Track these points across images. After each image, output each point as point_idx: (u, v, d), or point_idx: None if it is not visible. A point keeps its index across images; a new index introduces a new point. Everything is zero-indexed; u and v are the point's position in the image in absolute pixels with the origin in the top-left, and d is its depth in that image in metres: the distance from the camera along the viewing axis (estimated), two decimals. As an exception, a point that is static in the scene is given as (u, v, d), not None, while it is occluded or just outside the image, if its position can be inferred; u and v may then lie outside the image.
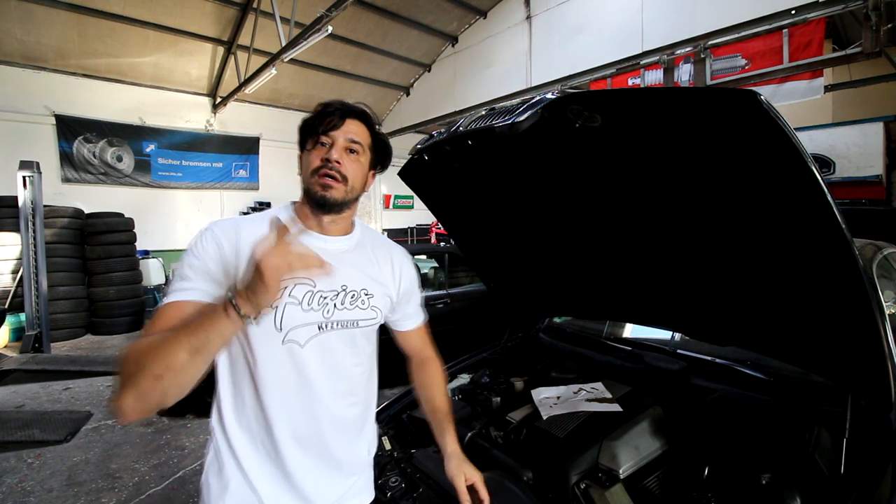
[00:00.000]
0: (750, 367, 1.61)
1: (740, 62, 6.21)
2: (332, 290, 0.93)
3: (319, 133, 0.91)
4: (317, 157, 0.91)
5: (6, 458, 3.05)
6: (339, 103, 0.95)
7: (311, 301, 0.91)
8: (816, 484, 1.11)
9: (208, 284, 0.85)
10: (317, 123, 0.92)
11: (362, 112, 0.97)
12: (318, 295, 0.91)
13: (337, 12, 6.25)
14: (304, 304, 0.90)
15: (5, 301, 5.97)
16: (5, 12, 7.23)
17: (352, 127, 0.94)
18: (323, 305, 0.92)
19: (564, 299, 2.05)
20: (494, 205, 1.71)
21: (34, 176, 5.71)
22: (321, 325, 0.92)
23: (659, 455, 1.34)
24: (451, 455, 1.11)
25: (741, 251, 1.23)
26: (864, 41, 4.93)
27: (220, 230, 0.90)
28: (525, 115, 1.08)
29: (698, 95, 0.96)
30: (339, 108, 0.94)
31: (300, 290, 0.90)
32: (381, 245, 1.08)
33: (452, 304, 4.35)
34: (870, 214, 3.78)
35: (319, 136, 0.91)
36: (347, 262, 0.97)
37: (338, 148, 0.91)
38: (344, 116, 0.93)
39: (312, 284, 0.91)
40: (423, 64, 11.86)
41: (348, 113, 0.94)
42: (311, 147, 0.93)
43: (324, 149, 0.92)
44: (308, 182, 0.92)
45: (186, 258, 0.88)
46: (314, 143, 0.92)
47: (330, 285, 0.93)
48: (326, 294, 0.92)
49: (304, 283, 0.90)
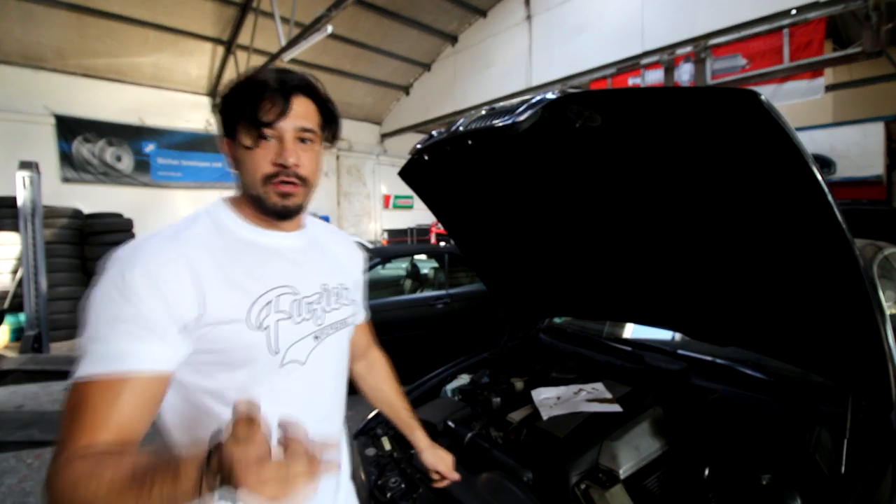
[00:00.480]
0: (750, 367, 1.60)
1: (740, 62, 6.21)
2: (315, 293, 0.81)
3: (261, 121, 0.70)
4: (264, 159, 0.71)
5: (6, 458, 3.04)
6: (275, 76, 0.72)
7: (300, 310, 0.77)
8: (816, 484, 1.11)
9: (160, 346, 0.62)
10: (254, 110, 0.70)
11: (307, 84, 0.75)
12: (304, 302, 0.78)
13: (337, 12, 6.24)
14: (295, 315, 0.76)
15: (5, 301, 5.97)
16: (5, 12, 7.22)
17: (299, 108, 0.73)
18: (312, 312, 0.79)
19: (564, 299, 2.05)
20: (494, 205, 1.71)
21: (33, 176, 5.71)
22: (317, 335, 0.80)
23: (659, 455, 1.34)
24: (426, 449, 1.14)
25: (742, 251, 1.23)
26: (865, 41, 4.93)
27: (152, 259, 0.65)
28: (525, 115, 1.08)
29: (699, 95, 0.96)
30: (280, 86, 0.71)
31: (285, 300, 0.75)
32: (332, 233, 0.97)
33: (452, 304, 4.35)
34: (870, 214, 3.78)
35: (260, 126, 0.70)
36: (315, 259, 0.84)
37: (289, 143, 0.72)
38: (288, 96, 0.71)
39: (295, 291, 0.77)
40: (423, 64, 11.86)
41: (292, 90, 0.72)
42: (252, 143, 0.71)
43: (271, 145, 0.71)
44: (258, 190, 0.73)
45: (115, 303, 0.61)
46: (254, 136, 0.71)
47: (312, 288, 0.81)
48: (311, 298, 0.80)
49: (287, 293, 0.76)
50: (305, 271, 0.81)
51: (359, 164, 13.26)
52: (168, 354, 0.63)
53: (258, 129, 0.71)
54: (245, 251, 0.74)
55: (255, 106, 0.70)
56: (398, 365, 1.29)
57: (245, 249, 0.75)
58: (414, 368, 2.76)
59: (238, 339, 0.69)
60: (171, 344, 0.63)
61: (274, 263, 0.77)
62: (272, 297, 0.73)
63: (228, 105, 0.73)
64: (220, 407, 0.69)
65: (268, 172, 0.72)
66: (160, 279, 0.63)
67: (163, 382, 0.64)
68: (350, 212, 13.23)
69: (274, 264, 0.77)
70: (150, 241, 0.68)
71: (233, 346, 0.69)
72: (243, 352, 0.69)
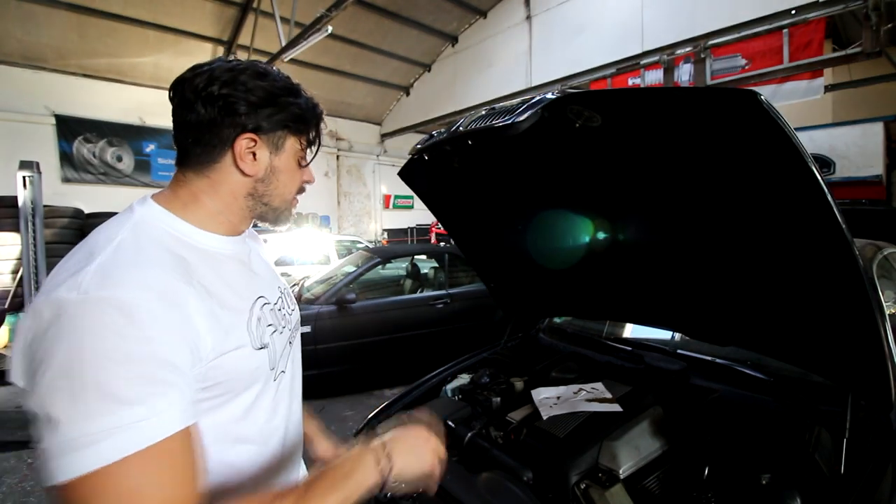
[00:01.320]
0: (750, 367, 1.61)
1: (740, 62, 6.22)
2: (277, 297, 0.76)
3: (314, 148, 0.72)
4: (301, 178, 0.72)
5: (6, 458, 3.05)
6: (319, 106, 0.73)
7: (277, 318, 0.73)
8: (816, 484, 1.11)
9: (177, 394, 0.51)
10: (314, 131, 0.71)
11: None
12: (276, 308, 0.73)
13: (337, 12, 6.25)
14: (277, 324, 0.72)
15: (5, 301, 5.97)
16: (5, 12, 7.23)
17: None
18: (283, 318, 0.75)
19: (564, 299, 2.05)
20: (494, 205, 1.71)
21: (34, 176, 5.71)
22: (290, 340, 0.77)
23: (659, 455, 1.34)
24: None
25: (741, 251, 1.23)
26: (864, 41, 4.94)
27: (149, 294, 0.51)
28: (525, 115, 1.08)
29: (698, 95, 0.96)
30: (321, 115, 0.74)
31: (266, 310, 0.70)
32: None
33: (452, 304, 4.35)
34: (870, 214, 3.78)
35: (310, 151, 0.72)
36: (259, 261, 0.78)
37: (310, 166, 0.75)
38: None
39: (266, 299, 0.71)
40: (423, 64, 11.87)
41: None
42: (294, 159, 0.70)
43: (308, 169, 0.74)
44: (287, 206, 0.72)
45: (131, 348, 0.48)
46: (300, 155, 0.71)
47: (274, 293, 0.75)
48: (277, 304, 0.75)
49: (266, 303, 0.71)
50: (262, 276, 0.75)
51: (359, 164, 13.26)
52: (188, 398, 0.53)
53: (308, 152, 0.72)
54: (215, 264, 0.64)
55: (315, 130, 0.71)
56: (398, 365, 1.29)
57: (213, 262, 0.64)
58: (414, 368, 2.77)
59: (245, 364, 0.62)
60: (189, 385, 0.53)
61: (240, 273, 0.69)
62: (257, 310, 0.67)
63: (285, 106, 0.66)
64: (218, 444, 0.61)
65: (299, 188, 0.73)
66: (170, 308, 0.52)
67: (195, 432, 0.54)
68: (350, 212, 13.24)
69: (241, 274, 0.69)
70: (117, 268, 0.52)
71: (240, 374, 0.62)
72: (249, 375, 0.64)
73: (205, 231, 0.65)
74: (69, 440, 0.45)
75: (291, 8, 7.23)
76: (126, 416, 0.46)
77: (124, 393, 0.46)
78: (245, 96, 0.62)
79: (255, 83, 0.63)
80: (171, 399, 0.49)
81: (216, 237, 0.67)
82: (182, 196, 0.66)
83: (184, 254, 0.60)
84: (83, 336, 0.47)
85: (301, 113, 0.67)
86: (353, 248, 7.63)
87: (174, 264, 0.57)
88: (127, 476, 0.46)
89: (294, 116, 0.67)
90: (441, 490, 1.23)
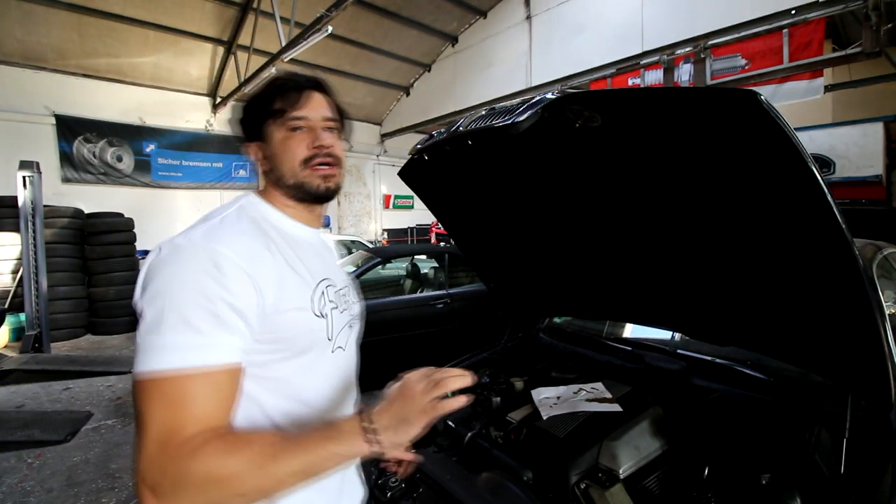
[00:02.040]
0: (750, 367, 1.61)
1: (740, 62, 6.22)
2: (343, 287, 0.87)
3: (291, 115, 0.77)
4: (300, 144, 0.78)
5: (6, 458, 3.05)
6: (291, 75, 0.81)
7: (339, 300, 0.84)
8: (816, 484, 1.11)
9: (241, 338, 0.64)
10: (282, 103, 0.77)
11: (321, 81, 0.84)
12: (341, 293, 0.85)
13: (337, 12, 6.25)
14: (340, 304, 0.83)
15: (5, 301, 5.97)
16: (5, 12, 7.23)
17: (323, 101, 0.81)
18: (346, 303, 0.87)
19: (564, 299, 2.05)
20: (494, 205, 1.71)
21: (34, 176, 5.71)
22: (350, 324, 0.88)
23: (659, 455, 1.34)
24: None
25: (741, 251, 1.23)
26: (864, 41, 4.94)
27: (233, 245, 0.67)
28: (525, 115, 1.08)
29: (698, 95, 0.96)
30: (303, 82, 0.80)
31: (331, 291, 0.81)
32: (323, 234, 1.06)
33: (452, 304, 4.35)
34: (870, 214, 3.78)
35: (291, 120, 0.77)
36: (329, 256, 0.90)
37: (319, 129, 0.79)
38: (309, 90, 0.80)
39: (333, 282, 0.83)
40: (423, 64, 11.87)
41: (314, 86, 0.81)
42: (283, 134, 0.78)
43: (305, 133, 0.78)
44: (298, 176, 0.78)
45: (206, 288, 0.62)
46: (285, 127, 0.78)
47: (341, 280, 0.87)
48: (343, 291, 0.87)
49: (331, 283, 0.82)
50: (331, 265, 0.87)
51: (359, 164, 13.26)
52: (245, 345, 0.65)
53: (291, 121, 0.77)
54: (292, 243, 0.79)
55: (283, 102, 0.77)
56: (398, 365, 1.30)
57: (291, 241, 0.79)
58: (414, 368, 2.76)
59: (305, 325, 0.74)
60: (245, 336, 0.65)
61: (312, 256, 0.82)
62: (323, 287, 0.79)
63: (252, 109, 0.80)
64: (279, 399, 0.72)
65: (306, 156, 0.78)
66: (249, 268, 0.66)
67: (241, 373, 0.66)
68: (350, 212, 13.24)
69: (312, 256, 0.82)
70: (220, 231, 0.69)
71: (299, 332, 0.73)
72: (307, 336, 0.74)
73: (287, 217, 0.81)
74: (149, 343, 0.59)
75: (291, 8, 7.23)
76: (190, 339, 0.59)
77: (195, 320, 0.60)
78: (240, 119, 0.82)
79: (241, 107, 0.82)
80: (229, 338, 0.62)
81: (297, 224, 0.82)
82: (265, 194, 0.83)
83: (269, 231, 0.76)
84: (182, 269, 0.63)
85: (262, 100, 0.79)
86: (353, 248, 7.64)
87: (260, 236, 0.73)
88: (177, 385, 0.58)
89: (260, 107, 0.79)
90: (441, 490, 1.23)
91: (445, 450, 1.52)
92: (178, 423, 0.57)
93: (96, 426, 3.56)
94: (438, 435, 1.59)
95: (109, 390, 4.37)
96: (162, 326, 0.59)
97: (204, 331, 0.60)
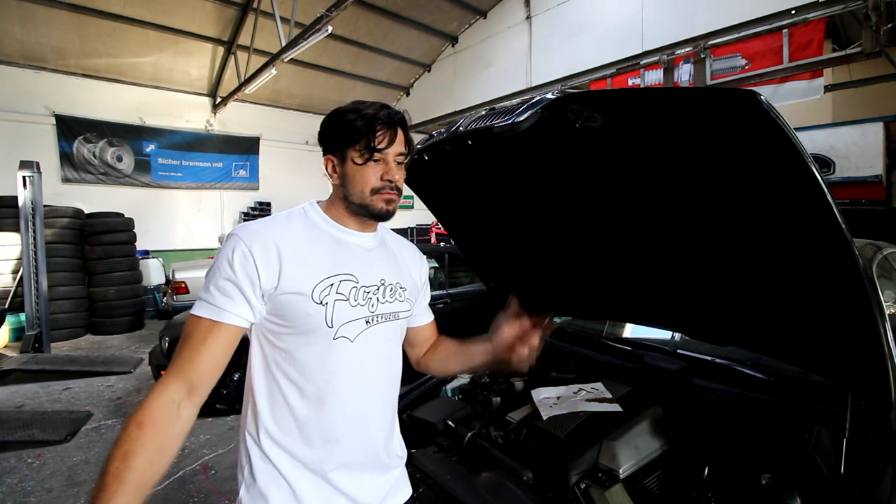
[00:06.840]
0: (750, 367, 1.61)
1: (740, 62, 6.21)
2: (372, 285, 0.95)
3: (374, 149, 0.88)
4: (374, 175, 0.90)
5: (6, 458, 3.05)
6: (387, 113, 0.90)
7: (357, 296, 0.91)
8: (816, 484, 1.11)
9: (244, 308, 0.84)
10: (370, 136, 0.88)
11: (405, 119, 0.95)
12: (361, 290, 0.93)
13: (337, 12, 6.25)
14: (351, 299, 0.90)
15: (5, 301, 5.98)
16: (5, 12, 7.23)
17: (402, 137, 0.92)
18: (367, 300, 0.93)
19: (565, 299, 2.05)
20: (494, 205, 1.71)
21: (34, 176, 5.72)
22: (368, 320, 0.93)
23: (659, 455, 1.34)
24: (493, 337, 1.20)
25: (741, 251, 1.23)
26: (864, 41, 4.94)
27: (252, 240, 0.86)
28: (525, 115, 1.08)
29: (698, 95, 0.96)
30: (392, 121, 0.90)
31: (345, 286, 0.90)
32: (399, 240, 1.13)
33: (452, 304, 4.35)
34: (870, 214, 3.78)
35: (371, 151, 0.88)
36: (380, 258, 1.00)
37: (392, 163, 0.91)
38: (395, 129, 0.91)
39: (356, 280, 0.92)
40: (423, 64, 11.86)
41: (398, 123, 0.91)
42: (362, 161, 0.89)
43: (380, 166, 0.90)
44: (365, 199, 0.91)
45: (223, 269, 0.84)
46: (365, 156, 0.89)
47: (371, 280, 0.95)
48: (369, 289, 0.94)
49: (348, 280, 0.91)
50: (369, 266, 0.97)
51: (359, 164, 13.25)
52: (248, 314, 0.85)
53: (371, 153, 0.89)
54: (323, 242, 0.93)
55: (371, 135, 0.88)
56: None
57: (323, 241, 0.93)
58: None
59: (301, 308, 0.86)
60: (253, 306, 0.85)
61: (343, 255, 0.93)
62: (335, 280, 0.89)
63: (339, 130, 0.91)
64: (286, 366, 0.89)
65: (376, 186, 0.91)
66: (255, 256, 0.84)
67: (239, 333, 0.86)
68: (350, 212, 13.22)
69: (343, 256, 0.93)
70: (257, 224, 0.90)
71: (296, 314, 0.86)
72: (304, 319, 0.86)
73: (330, 221, 0.96)
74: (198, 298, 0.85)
75: (291, 8, 7.23)
76: (209, 298, 0.83)
77: (212, 287, 0.84)
78: (322, 131, 0.94)
79: (326, 120, 0.93)
80: (228, 303, 0.83)
81: (343, 229, 0.96)
82: (330, 199, 0.99)
83: (304, 229, 0.93)
84: (222, 251, 0.86)
85: (346, 130, 0.89)
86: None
87: (291, 232, 0.90)
88: (194, 325, 0.83)
89: (342, 135, 0.90)
90: (441, 490, 1.24)
91: (445, 450, 1.52)
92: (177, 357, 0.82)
93: (96, 426, 3.56)
94: (438, 435, 1.59)
95: (109, 390, 4.37)
96: (204, 288, 0.85)
97: (215, 297, 0.83)
